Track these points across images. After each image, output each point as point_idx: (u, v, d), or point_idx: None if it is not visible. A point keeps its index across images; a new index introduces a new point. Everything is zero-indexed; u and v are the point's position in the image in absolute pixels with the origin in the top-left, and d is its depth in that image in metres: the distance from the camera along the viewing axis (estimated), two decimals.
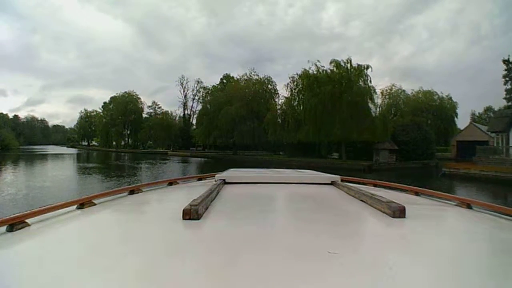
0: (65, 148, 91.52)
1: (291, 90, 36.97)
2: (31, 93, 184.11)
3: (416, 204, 1.65)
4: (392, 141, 31.30)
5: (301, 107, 35.25)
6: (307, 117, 30.43)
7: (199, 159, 44.74)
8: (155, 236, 1.08)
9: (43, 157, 45.43)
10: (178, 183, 2.39)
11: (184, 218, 1.17)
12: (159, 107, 74.12)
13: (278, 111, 39.20)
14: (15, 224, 1.10)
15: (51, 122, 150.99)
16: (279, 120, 37.75)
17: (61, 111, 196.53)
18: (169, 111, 74.02)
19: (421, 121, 35.56)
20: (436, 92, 48.51)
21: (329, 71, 31.57)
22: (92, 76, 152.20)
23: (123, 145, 75.44)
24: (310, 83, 31.44)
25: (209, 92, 52.01)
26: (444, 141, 46.07)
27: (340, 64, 31.10)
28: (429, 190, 1.95)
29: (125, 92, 72.98)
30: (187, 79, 71.57)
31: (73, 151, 72.72)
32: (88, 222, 1.30)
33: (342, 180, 2.25)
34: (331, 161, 30.99)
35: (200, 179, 2.66)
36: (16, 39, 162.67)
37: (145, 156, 50.48)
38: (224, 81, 51.70)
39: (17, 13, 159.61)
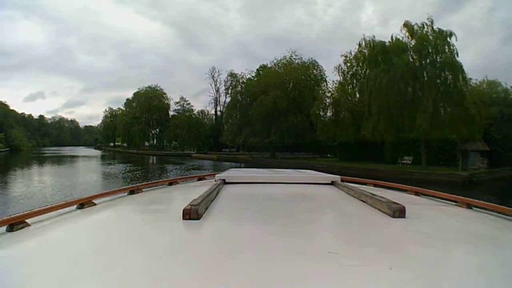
0: (90, 149, 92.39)
1: (343, 74, 30.22)
2: (71, 95, 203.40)
3: (416, 204, 1.74)
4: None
5: (357, 95, 29.04)
6: (375, 104, 22.77)
7: (227, 163, 38.93)
8: (155, 236, 1.15)
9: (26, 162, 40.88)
10: (178, 183, 2.54)
11: (184, 218, 1.23)
12: (188, 103, 69.65)
13: (328, 100, 32.27)
14: (15, 224, 1.17)
15: (91, 124, 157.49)
16: (330, 112, 31.33)
17: (101, 113, 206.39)
18: (206, 110, 70.28)
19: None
20: (499, 82, 41.46)
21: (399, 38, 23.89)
22: (133, 77, 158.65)
23: (148, 146, 72.66)
24: (375, 54, 24.05)
25: (241, 82, 45.54)
26: None
27: (413, 28, 23.31)
28: (429, 190, 2.05)
29: (148, 86, 69.86)
30: (218, 72, 66.12)
31: (94, 152, 72.60)
32: (88, 222, 1.38)
33: (342, 180, 2.39)
34: (406, 168, 23.49)
35: (200, 179, 2.83)
36: (52, 42, 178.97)
37: (165, 159, 47.09)
38: (261, 72, 44.88)
39: (50, 16, 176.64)
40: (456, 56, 22.44)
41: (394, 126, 22.09)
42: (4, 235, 1.13)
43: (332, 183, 2.33)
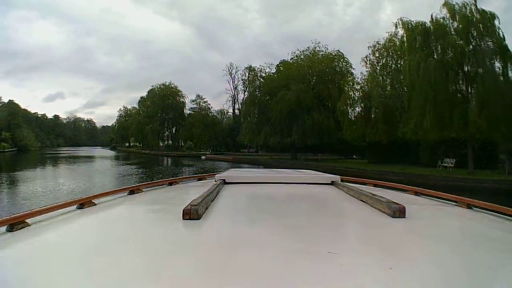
0: (104, 150, 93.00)
1: (372, 65, 27.87)
2: (91, 95, 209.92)
3: (416, 204, 1.74)
4: None
5: (389, 87, 26.69)
6: (419, 95, 19.69)
7: (245, 166, 36.13)
8: (155, 236, 1.17)
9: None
10: (178, 183, 2.58)
11: (184, 218, 1.25)
12: (205, 101, 67.98)
13: (357, 94, 29.72)
14: (15, 224, 1.19)
15: (110, 124, 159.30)
16: (359, 107, 28.95)
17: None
18: (225, 110, 69.37)
19: None
20: None
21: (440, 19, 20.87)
22: (153, 77, 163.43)
23: (163, 146, 71.86)
24: (415, 37, 21.19)
25: (259, 76, 43.19)
26: None
27: (454, 8, 20.35)
28: (429, 190, 2.04)
29: (162, 84, 68.90)
30: (236, 68, 64.53)
31: (107, 153, 72.23)
32: (88, 222, 1.39)
33: (342, 180, 2.42)
34: (453, 173, 20.28)
35: (200, 179, 2.90)
36: (70, 42, 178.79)
37: (177, 160, 46.09)
38: (281, 68, 42.78)
39: (68, 16, 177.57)
40: (503, 40, 19.55)
41: (441, 122, 19.10)
42: (4, 235, 1.13)
43: (332, 183, 2.37)
